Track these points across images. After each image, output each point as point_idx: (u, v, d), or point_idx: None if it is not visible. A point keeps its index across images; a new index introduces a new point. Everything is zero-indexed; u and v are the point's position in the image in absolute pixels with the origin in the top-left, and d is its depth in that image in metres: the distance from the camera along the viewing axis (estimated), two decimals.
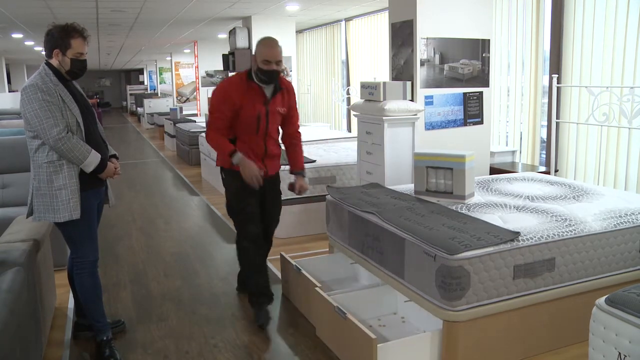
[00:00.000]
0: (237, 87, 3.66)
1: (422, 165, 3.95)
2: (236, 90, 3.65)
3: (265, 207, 3.94)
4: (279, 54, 3.65)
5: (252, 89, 3.67)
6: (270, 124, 3.75)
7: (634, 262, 3.44)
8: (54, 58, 3.11)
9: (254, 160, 3.68)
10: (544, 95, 6.13)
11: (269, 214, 4.00)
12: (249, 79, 3.68)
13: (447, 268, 2.88)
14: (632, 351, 1.86)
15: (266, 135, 3.76)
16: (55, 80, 3.09)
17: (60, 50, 3.09)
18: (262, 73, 3.63)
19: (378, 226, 3.50)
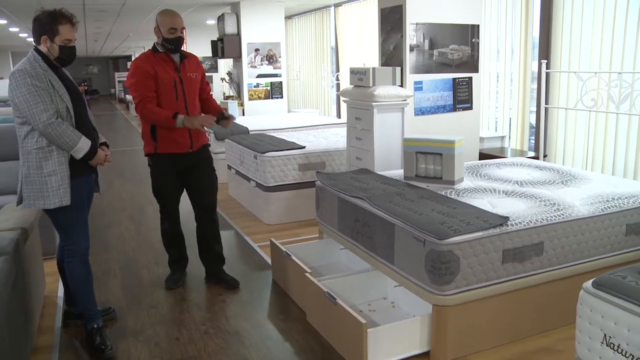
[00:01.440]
0: (147, 61, 3.83)
1: (412, 150, 3.95)
2: (147, 63, 3.82)
3: (197, 184, 4.08)
4: (182, 22, 3.90)
5: (161, 59, 3.86)
6: (187, 89, 3.91)
7: (620, 245, 3.47)
8: (42, 45, 3.08)
9: (179, 132, 3.86)
10: (533, 81, 6.15)
11: (201, 191, 4.11)
12: (155, 52, 3.88)
13: (437, 253, 2.89)
14: (617, 333, 1.89)
15: (186, 102, 3.90)
16: (45, 66, 3.06)
17: (48, 36, 3.06)
18: (169, 42, 3.82)
19: (367, 211, 3.51)
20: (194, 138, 3.95)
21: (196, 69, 4.02)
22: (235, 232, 5.56)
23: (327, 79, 10.70)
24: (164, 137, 3.87)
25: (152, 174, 4.04)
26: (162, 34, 3.81)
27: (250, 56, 10.00)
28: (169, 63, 3.86)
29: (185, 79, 3.90)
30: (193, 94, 3.96)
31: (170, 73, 3.84)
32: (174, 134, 3.86)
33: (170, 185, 4.03)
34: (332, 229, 4.07)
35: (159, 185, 4.04)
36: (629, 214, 3.45)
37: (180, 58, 3.93)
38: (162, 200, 4.09)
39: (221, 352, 3.26)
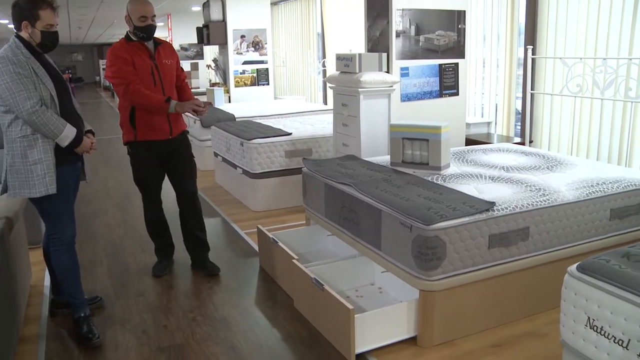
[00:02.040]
0: (123, 49, 3.80)
1: (398, 136, 3.96)
2: (124, 51, 3.79)
3: (177, 171, 4.09)
4: (153, 9, 3.86)
5: (136, 47, 3.83)
6: (163, 76, 3.90)
7: (604, 230, 3.50)
8: (23, 30, 3.03)
9: (159, 118, 3.86)
10: (519, 67, 6.16)
11: (181, 177, 4.11)
12: (128, 41, 3.85)
13: (423, 238, 2.91)
14: (600, 315, 1.91)
15: (163, 89, 3.88)
16: (27, 52, 3.01)
17: (29, 22, 3.01)
18: (140, 30, 3.80)
19: (354, 197, 3.51)
20: (173, 124, 3.94)
21: (171, 56, 4.00)
22: (222, 220, 5.55)
23: (313, 65, 10.66)
24: (143, 124, 3.85)
25: (133, 162, 4.03)
26: (133, 23, 3.78)
27: (236, 43, 9.94)
28: (143, 51, 3.84)
29: (161, 66, 3.89)
30: (170, 81, 3.95)
31: (147, 61, 3.83)
32: (153, 121, 3.85)
33: (152, 172, 4.01)
34: (319, 215, 4.07)
35: (140, 173, 4.03)
36: (613, 199, 3.48)
37: (154, 45, 3.91)
38: (144, 188, 4.09)
39: (209, 339, 3.27)
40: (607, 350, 1.89)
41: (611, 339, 1.87)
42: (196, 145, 7.98)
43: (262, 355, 3.08)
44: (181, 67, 4.17)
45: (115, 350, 3.17)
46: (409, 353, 3.04)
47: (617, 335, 1.85)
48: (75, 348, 3.22)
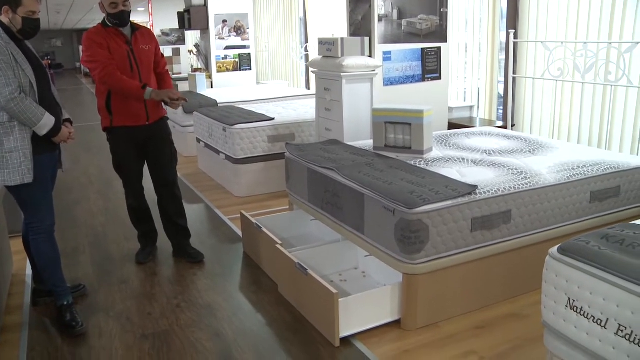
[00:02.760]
0: (99, 34, 3.76)
1: (381, 120, 3.96)
2: (99, 36, 3.75)
3: (156, 158, 4.06)
4: None
5: (112, 33, 3.78)
6: (140, 62, 3.85)
7: (584, 212, 3.54)
8: (3, 15, 2.97)
9: (135, 104, 3.83)
10: (501, 51, 6.17)
11: (160, 165, 4.08)
12: (105, 27, 3.80)
13: (406, 222, 2.92)
14: (580, 296, 1.93)
15: (140, 75, 3.84)
16: (7, 38, 2.96)
17: (10, 7, 2.96)
18: (112, 16, 3.74)
19: (337, 182, 3.52)
20: (150, 110, 3.91)
21: (149, 42, 3.95)
22: (205, 206, 5.53)
23: (295, 50, 10.60)
24: (119, 109, 3.82)
25: (111, 148, 4.01)
26: (106, 9, 3.73)
27: (217, 28, 9.85)
28: (119, 36, 3.79)
29: (138, 52, 3.84)
30: (147, 67, 3.91)
31: (122, 46, 3.78)
32: (129, 107, 3.81)
33: (130, 158, 3.98)
34: (302, 200, 4.07)
35: (118, 159, 4.01)
36: (593, 182, 3.52)
37: (131, 31, 3.86)
38: (123, 174, 4.07)
39: (193, 325, 3.27)
40: (587, 330, 1.92)
41: (590, 319, 1.90)
42: (178, 131, 7.92)
43: (247, 340, 3.09)
44: (161, 53, 4.13)
45: (99, 338, 3.16)
46: (393, 336, 3.06)
47: (596, 315, 1.88)
48: (59, 336, 3.21)
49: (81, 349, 3.07)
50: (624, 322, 1.78)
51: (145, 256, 4.20)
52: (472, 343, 2.99)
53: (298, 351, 2.97)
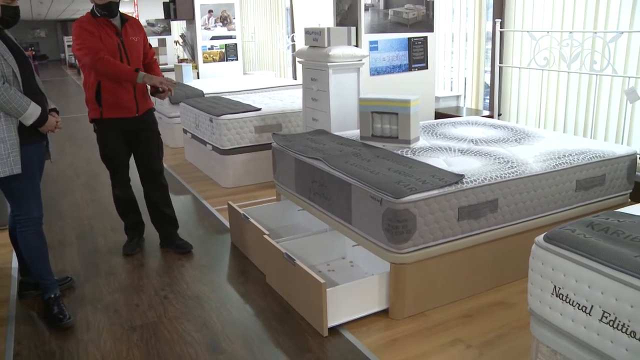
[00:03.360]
0: (89, 24, 3.73)
1: (367, 110, 3.95)
2: (90, 25, 3.72)
3: (143, 149, 4.05)
4: None
5: (102, 24, 3.75)
6: (130, 53, 3.84)
7: (570, 201, 3.57)
8: None
9: (125, 96, 3.82)
10: (487, 41, 6.19)
11: (148, 156, 4.07)
12: (95, 17, 3.76)
13: (394, 211, 2.93)
14: (565, 284, 1.95)
15: (130, 65, 3.81)
16: None
17: None
18: (100, 7, 3.72)
19: (324, 172, 3.52)
20: (140, 102, 3.90)
21: (138, 33, 3.93)
22: (192, 197, 5.52)
23: (282, 40, 10.56)
24: (109, 101, 3.79)
25: (99, 140, 3.97)
26: (94, 1, 3.72)
27: (203, 18, 9.79)
28: (110, 27, 3.76)
29: (128, 43, 3.82)
30: (137, 58, 3.89)
31: (113, 37, 3.76)
32: (120, 98, 3.79)
33: (119, 149, 3.96)
34: (290, 190, 4.07)
35: (106, 151, 3.97)
36: (579, 170, 3.54)
37: (121, 22, 3.84)
38: (111, 165, 4.03)
39: (181, 316, 3.26)
40: (572, 317, 1.94)
41: (575, 306, 1.92)
42: (165, 122, 7.88)
43: (235, 331, 3.09)
44: (149, 44, 4.10)
45: (86, 331, 3.15)
46: (381, 325, 3.08)
47: (581, 302, 1.89)
48: (46, 329, 3.19)
49: (69, 341, 3.06)
50: (608, 309, 1.80)
51: (133, 248, 4.18)
52: (460, 331, 3.01)
53: (286, 341, 2.97)
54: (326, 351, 2.87)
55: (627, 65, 4.65)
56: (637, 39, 4.55)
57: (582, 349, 1.94)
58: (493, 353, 2.81)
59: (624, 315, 1.75)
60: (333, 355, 2.83)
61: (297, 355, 2.84)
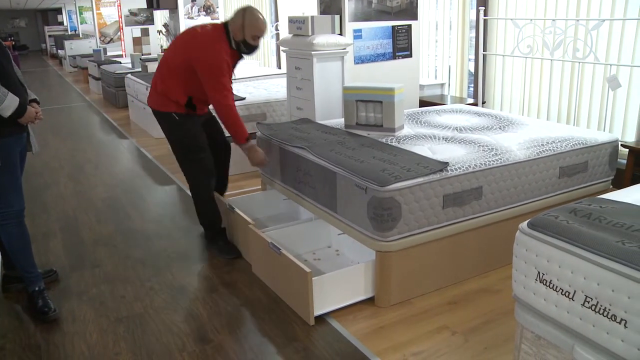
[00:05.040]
0: (229, 56, 3.65)
1: (352, 99, 3.95)
2: (230, 58, 3.65)
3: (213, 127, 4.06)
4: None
5: (235, 58, 3.75)
6: None
7: (554, 187, 3.60)
8: None
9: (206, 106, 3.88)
10: (471, 29, 6.20)
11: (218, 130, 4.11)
12: (232, 48, 3.68)
13: (378, 200, 2.94)
14: (549, 269, 1.97)
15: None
16: None
17: None
18: (247, 47, 3.69)
19: (309, 161, 3.51)
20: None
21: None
22: (177, 187, 5.49)
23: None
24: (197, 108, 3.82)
25: (185, 127, 3.79)
26: (245, 37, 3.64)
27: (186, 7, 9.70)
28: (234, 62, 3.76)
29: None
30: None
31: (231, 73, 3.73)
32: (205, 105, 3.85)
33: (204, 137, 3.88)
34: (275, 179, 4.07)
35: (197, 139, 3.81)
36: (562, 157, 3.57)
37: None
38: (203, 153, 3.82)
39: (168, 307, 3.26)
40: (555, 302, 1.95)
41: (559, 291, 1.94)
42: (149, 113, 7.80)
43: (222, 321, 3.09)
44: None
45: (72, 323, 3.14)
46: (367, 313, 3.09)
47: (564, 288, 1.91)
48: (31, 323, 3.17)
49: (54, 334, 3.04)
50: (590, 294, 1.82)
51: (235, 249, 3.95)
52: (445, 318, 3.04)
53: (273, 330, 2.98)
54: (313, 340, 2.88)
55: (608, 52, 4.68)
56: (618, 27, 4.58)
57: (565, 334, 1.96)
58: (478, 339, 2.84)
59: (605, 300, 1.78)
60: (320, 344, 2.84)
61: (284, 344, 2.85)
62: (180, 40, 3.80)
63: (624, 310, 1.72)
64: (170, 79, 3.71)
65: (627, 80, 4.58)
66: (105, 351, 2.86)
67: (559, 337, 2.00)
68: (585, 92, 4.91)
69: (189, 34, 3.78)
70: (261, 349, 2.83)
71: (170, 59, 3.76)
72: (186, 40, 3.74)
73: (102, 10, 17.01)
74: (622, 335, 1.74)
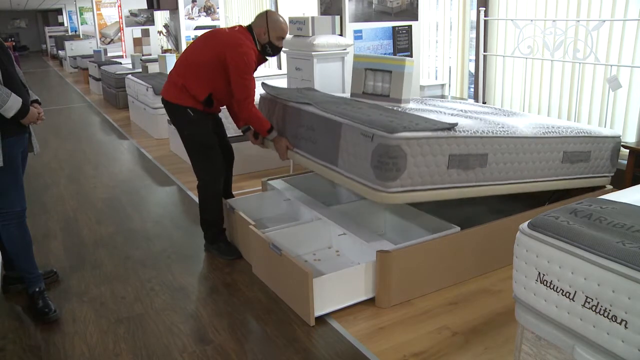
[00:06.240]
0: (255, 57, 3.67)
1: (361, 67, 3.87)
2: (255, 61, 3.67)
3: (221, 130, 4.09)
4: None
5: (259, 59, 3.76)
6: None
7: (556, 172, 3.57)
8: None
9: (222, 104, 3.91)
10: (471, 29, 6.20)
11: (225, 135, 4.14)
12: (257, 50, 3.70)
13: (385, 147, 2.88)
14: (549, 270, 1.97)
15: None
16: None
17: None
18: (273, 48, 3.72)
19: (314, 115, 3.45)
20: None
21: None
22: (178, 188, 5.49)
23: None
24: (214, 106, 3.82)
25: (199, 126, 3.78)
26: (270, 39, 3.67)
27: (187, 7, 9.71)
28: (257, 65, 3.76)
29: None
30: None
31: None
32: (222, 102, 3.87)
33: (215, 136, 3.88)
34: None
35: (209, 137, 3.81)
36: (566, 142, 3.55)
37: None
38: (213, 150, 3.81)
39: (168, 308, 3.26)
40: (556, 303, 1.95)
41: (559, 292, 1.94)
42: (149, 114, 7.84)
43: (222, 322, 3.09)
44: None
45: (72, 324, 3.14)
46: (367, 314, 3.09)
47: (564, 288, 1.91)
48: (32, 323, 3.17)
49: (55, 335, 3.04)
50: (590, 294, 1.82)
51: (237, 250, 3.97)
52: (446, 318, 3.03)
53: (273, 331, 2.98)
54: (313, 340, 2.88)
55: (609, 53, 4.68)
56: (618, 28, 4.58)
57: (565, 334, 1.96)
58: (479, 339, 2.84)
59: (605, 300, 1.77)
60: (320, 345, 2.84)
61: (284, 345, 2.85)
62: (207, 38, 3.77)
63: (624, 311, 1.72)
64: (193, 75, 3.69)
65: (627, 81, 4.58)
66: (106, 352, 2.86)
67: (560, 338, 2.00)
68: (585, 92, 4.91)
69: (218, 32, 3.79)
70: (261, 350, 2.83)
71: (195, 56, 3.73)
72: (216, 38, 3.71)
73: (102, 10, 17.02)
74: (622, 336, 1.73)
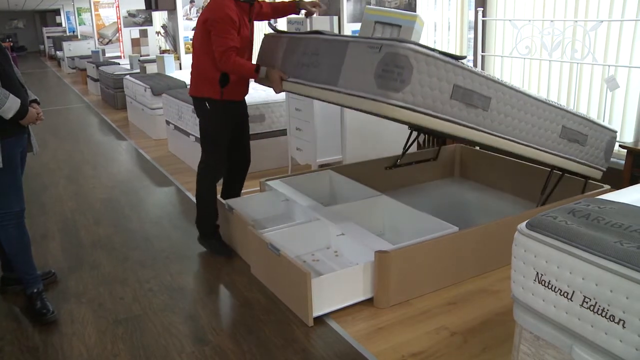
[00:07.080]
0: (232, 8, 3.62)
1: (371, 19, 3.77)
2: (232, 11, 3.61)
3: (241, 139, 4.06)
4: None
5: (243, 10, 3.72)
6: (252, 39, 3.87)
7: (553, 145, 3.52)
8: None
9: (243, 85, 3.88)
10: (469, 30, 6.20)
11: (246, 138, 4.11)
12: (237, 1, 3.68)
13: (393, 55, 2.81)
14: (548, 270, 1.97)
15: (251, 53, 3.88)
16: None
17: None
18: None
19: (320, 40, 3.36)
20: (247, 86, 3.95)
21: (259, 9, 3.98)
22: (176, 188, 5.49)
23: (264, 29, 10.50)
24: (233, 84, 3.76)
25: (210, 120, 3.82)
26: None
27: (185, 8, 9.71)
28: (246, 14, 3.73)
29: (252, 28, 3.83)
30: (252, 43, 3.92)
31: (247, 26, 3.74)
32: (241, 81, 3.82)
33: (228, 132, 3.89)
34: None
35: (218, 130, 3.83)
36: (567, 117, 3.51)
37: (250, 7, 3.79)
38: (218, 147, 3.86)
39: (166, 309, 3.26)
40: (554, 303, 1.96)
41: (557, 292, 1.94)
42: (147, 114, 7.84)
43: (221, 322, 3.09)
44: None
45: (70, 325, 3.13)
46: (366, 314, 3.10)
47: (562, 288, 1.91)
48: (30, 324, 3.16)
49: (53, 336, 3.04)
50: (588, 294, 1.83)
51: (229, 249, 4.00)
52: (444, 319, 3.04)
53: (272, 331, 2.98)
54: (312, 341, 2.88)
55: (606, 53, 4.68)
56: (616, 28, 4.59)
57: (564, 334, 1.96)
58: (477, 339, 2.84)
59: (603, 300, 1.78)
60: (319, 345, 2.84)
61: (283, 346, 2.85)
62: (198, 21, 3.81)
63: (622, 311, 1.72)
64: (200, 57, 3.74)
65: (625, 81, 4.58)
66: (104, 353, 2.86)
67: (558, 338, 2.00)
68: (583, 92, 4.91)
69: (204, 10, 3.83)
70: (260, 350, 2.83)
71: (195, 40, 3.80)
72: (201, 15, 3.75)
73: (100, 11, 16.99)
74: (620, 336, 1.74)
